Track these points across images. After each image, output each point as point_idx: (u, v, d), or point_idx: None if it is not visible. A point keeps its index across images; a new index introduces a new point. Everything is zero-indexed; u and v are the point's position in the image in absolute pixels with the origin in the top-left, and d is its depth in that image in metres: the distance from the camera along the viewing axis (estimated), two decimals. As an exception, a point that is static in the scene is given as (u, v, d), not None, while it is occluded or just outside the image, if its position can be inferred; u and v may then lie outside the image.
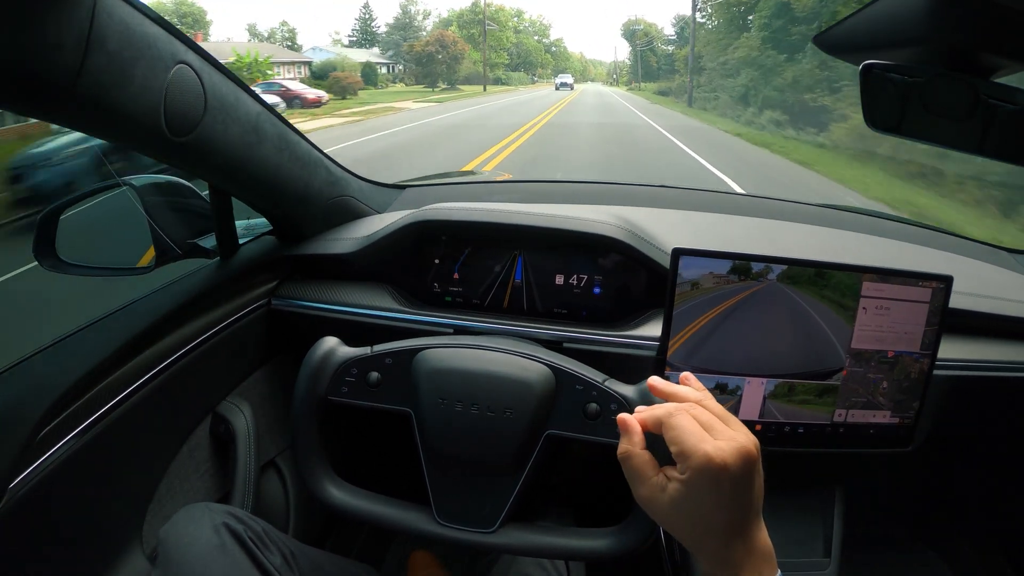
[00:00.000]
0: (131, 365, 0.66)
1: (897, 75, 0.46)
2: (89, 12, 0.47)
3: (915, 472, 1.00)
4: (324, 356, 0.60)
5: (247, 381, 0.87)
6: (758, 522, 0.41)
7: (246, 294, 0.85)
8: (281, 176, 0.82)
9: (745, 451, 0.39)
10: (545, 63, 69.00)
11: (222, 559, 0.54)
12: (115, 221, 0.85)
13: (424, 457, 0.59)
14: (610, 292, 0.86)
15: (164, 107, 0.58)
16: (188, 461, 0.76)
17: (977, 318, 0.82)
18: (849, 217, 1.13)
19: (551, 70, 71.39)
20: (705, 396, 0.44)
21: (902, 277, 0.69)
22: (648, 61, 57.32)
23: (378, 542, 1.21)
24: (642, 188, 1.21)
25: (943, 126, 0.47)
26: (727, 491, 0.38)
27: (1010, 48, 0.43)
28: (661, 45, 54.10)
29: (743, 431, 0.41)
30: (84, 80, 0.48)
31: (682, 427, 0.40)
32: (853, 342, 0.70)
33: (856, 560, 0.86)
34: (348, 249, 0.89)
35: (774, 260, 0.69)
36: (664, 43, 54.40)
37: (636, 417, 0.44)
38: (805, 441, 0.74)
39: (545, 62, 68.87)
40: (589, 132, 12.21)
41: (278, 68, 26.47)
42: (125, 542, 0.67)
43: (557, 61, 74.90)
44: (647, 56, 57.32)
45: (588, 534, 0.58)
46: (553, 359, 0.60)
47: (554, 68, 72.16)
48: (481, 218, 0.85)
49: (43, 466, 0.55)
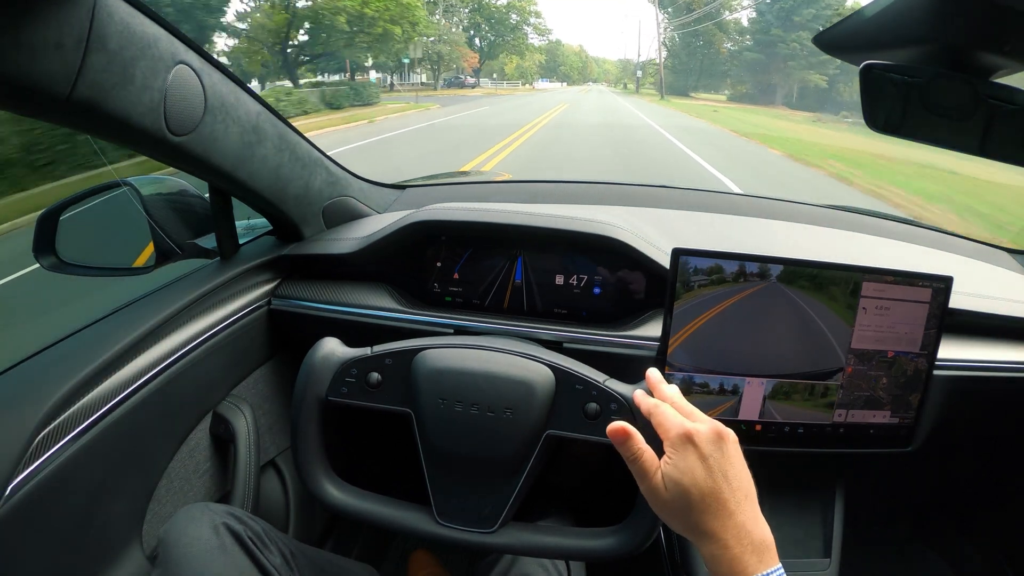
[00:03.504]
0: (131, 365, 0.66)
1: (897, 75, 0.46)
2: (89, 12, 0.47)
3: (915, 472, 1.00)
4: (324, 357, 0.60)
5: (247, 381, 0.87)
6: (752, 509, 0.45)
7: (246, 294, 0.85)
8: (281, 176, 0.82)
9: (715, 427, 0.47)
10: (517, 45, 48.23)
11: (222, 559, 0.54)
12: (115, 221, 0.85)
13: (424, 457, 0.59)
14: (610, 292, 0.86)
15: (164, 107, 0.58)
16: (188, 461, 0.76)
17: (977, 318, 0.82)
18: (849, 217, 1.13)
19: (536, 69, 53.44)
20: (678, 394, 0.53)
21: (902, 277, 0.69)
22: (699, 49, 36.05)
23: (378, 542, 1.21)
24: (642, 188, 1.21)
25: (944, 126, 0.47)
26: (707, 455, 0.46)
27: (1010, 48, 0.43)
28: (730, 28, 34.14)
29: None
30: (84, 80, 0.48)
31: (666, 413, 0.49)
32: (853, 342, 0.70)
33: (856, 560, 0.86)
34: (348, 249, 0.89)
35: (774, 260, 0.69)
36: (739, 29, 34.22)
37: (637, 401, 0.53)
38: (805, 441, 0.74)
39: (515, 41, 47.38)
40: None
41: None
42: (125, 542, 0.67)
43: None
44: (701, 39, 35.50)
45: (588, 534, 0.58)
46: (553, 359, 0.60)
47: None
48: (481, 218, 0.85)
49: (43, 466, 0.55)
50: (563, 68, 71.88)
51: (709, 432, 0.47)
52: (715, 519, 0.44)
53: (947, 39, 0.45)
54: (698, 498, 0.44)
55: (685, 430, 0.47)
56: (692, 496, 0.45)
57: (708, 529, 0.44)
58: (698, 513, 0.44)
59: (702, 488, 0.45)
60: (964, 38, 0.45)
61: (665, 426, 0.48)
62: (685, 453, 0.46)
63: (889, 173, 8.78)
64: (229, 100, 0.68)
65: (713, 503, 0.44)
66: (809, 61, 27.32)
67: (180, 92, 0.60)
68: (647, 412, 0.51)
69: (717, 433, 0.47)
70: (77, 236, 0.80)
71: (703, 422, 0.48)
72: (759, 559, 0.42)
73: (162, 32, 0.56)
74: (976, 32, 0.44)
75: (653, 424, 0.49)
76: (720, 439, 0.47)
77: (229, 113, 0.68)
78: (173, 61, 0.58)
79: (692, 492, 0.45)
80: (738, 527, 0.43)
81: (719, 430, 0.47)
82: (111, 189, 0.81)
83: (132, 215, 0.78)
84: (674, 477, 0.46)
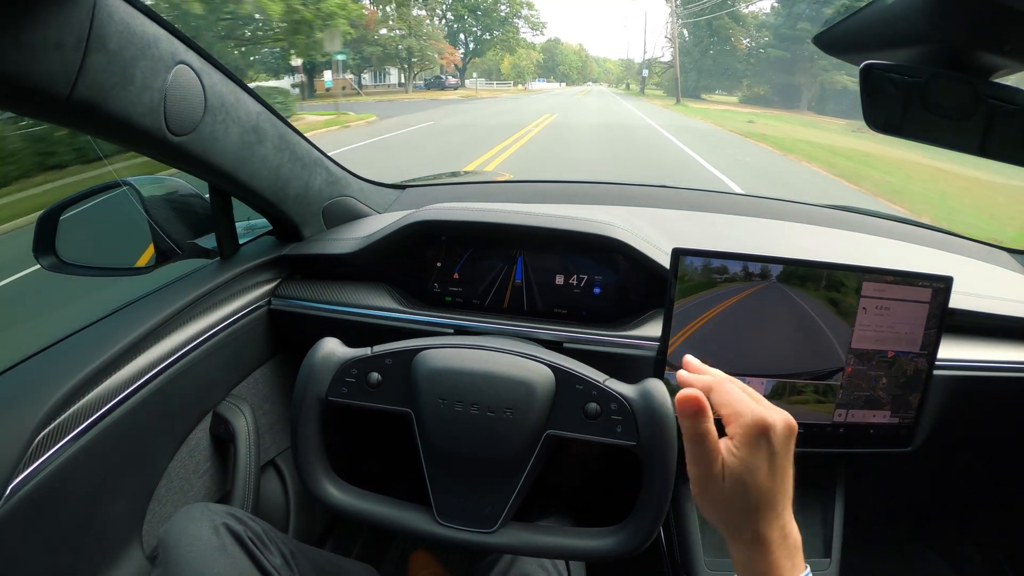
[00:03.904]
0: (131, 365, 0.66)
1: (897, 75, 0.46)
2: (89, 12, 0.47)
3: (915, 472, 1.00)
4: (324, 357, 0.60)
5: (247, 381, 0.87)
6: (790, 509, 0.42)
7: (246, 294, 0.85)
8: (281, 176, 0.82)
9: (788, 420, 0.41)
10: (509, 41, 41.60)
11: (222, 559, 0.54)
12: (115, 221, 0.85)
13: (424, 457, 0.59)
14: (610, 292, 0.86)
15: (164, 107, 0.58)
16: (188, 461, 0.76)
17: (977, 318, 0.82)
18: (849, 217, 1.13)
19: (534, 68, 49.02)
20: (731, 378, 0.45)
21: (902, 277, 0.69)
22: (713, 45, 30.56)
23: (378, 542, 1.21)
24: (642, 188, 1.21)
25: (943, 126, 0.47)
26: (776, 452, 0.40)
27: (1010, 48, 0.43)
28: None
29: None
30: (84, 80, 0.48)
31: (733, 392, 0.42)
32: (853, 342, 0.70)
33: (856, 560, 0.86)
34: (348, 249, 0.89)
35: (774, 260, 0.69)
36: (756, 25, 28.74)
37: (684, 381, 0.45)
38: (805, 441, 0.73)
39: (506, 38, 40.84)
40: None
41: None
42: (125, 542, 0.67)
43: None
44: (714, 33, 30.10)
45: (588, 534, 0.58)
46: (553, 359, 0.60)
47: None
48: (481, 218, 0.85)
49: (44, 466, 0.55)
50: (562, 67, 69.00)
51: (784, 426, 0.41)
52: (763, 521, 0.40)
53: (947, 39, 0.45)
54: (755, 498, 0.40)
55: (763, 419, 0.40)
56: (750, 496, 0.40)
57: (754, 531, 0.40)
58: (748, 513, 0.40)
59: (762, 488, 0.40)
60: (964, 38, 0.45)
61: (737, 409, 0.41)
62: (757, 446, 0.40)
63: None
64: (229, 100, 0.68)
65: (766, 505, 0.40)
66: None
67: (180, 92, 0.60)
68: (705, 387, 0.43)
69: (791, 427, 0.41)
70: (77, 236, 0.80)
71: (776, 411, 0.42)
72: (792, 562, 0.40)
73: (162, 32, 0.56)
74: (976, 32, 0.44)
75: (714, 403, 0.42)
76: (792, 435, 0.41)
77: (229, 113, 0.68)
78: (173, 61, 0.58)
79: (752, 492, 0.40)
80: (781, 529, 0.40)
81: (792, 424, 0.41)
82: (111, 189, 0.81)
83: (132, 215, 0.78)
84: (737, 472, 0.40)
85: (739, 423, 0.41)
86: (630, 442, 0.55)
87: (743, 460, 0.40)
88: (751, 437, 0.40)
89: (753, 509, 0.40)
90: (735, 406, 0.41)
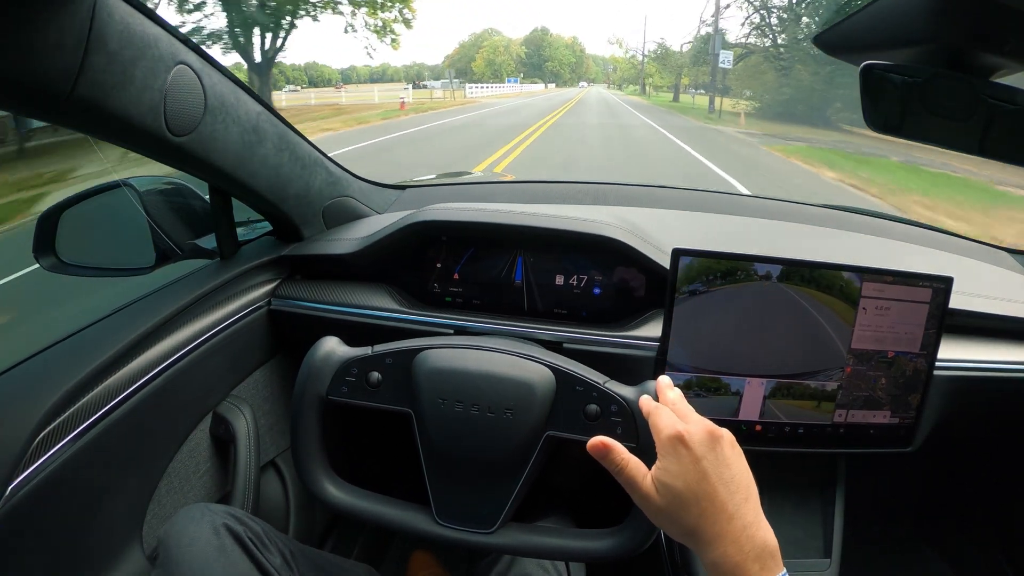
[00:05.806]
0: (131, 365, 0.66)
1: (897, 75, 0.46)
2: (89, 12, 0.47)
3: (915, 472, 1.00)
4: (324, 356, 0.60)
5: (247, 381, 0.87)
6: (754, 512, 0.43)
7: (246, 294, 0.85)
8: (281, 176, 0.82)
9: (708, 427, 0.46)
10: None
11: (222, 560, 0.54)
12: (115, 221, 0.85)
13: (424, 457, 0.59)
14: (610, 292, 0.86)
15: (164, 107, 0.58)
16: (188, 461, 0.76)
17: (977, 318, 0.82)
18: (850, 217, 1.13)
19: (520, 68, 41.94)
20: (680, 397, 0.52)
21: (902, 278, 0.69)
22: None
23: (378, 542, 1.21)
24: (642, 188, 1.21)
25: (943, 126, 0.47)
26: (700, 457, 0.44)
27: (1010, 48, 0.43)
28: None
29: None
30: (84, 80, 0.48)
31: (662, 414, 0.48)
32: (853, 342, 0.70)
33: (856, 560, 0.86)
34: (348, 249, 0.89)
35: (774, 260, 0.69)
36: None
37: (641, 405, 0.52)
38: (805, 441, 0.74)
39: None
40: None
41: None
42: (125, 542, 0.67)
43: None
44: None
45: (588, 535, 0.58)
46: (553, 360, 0.60)
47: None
48: (481, 219, 0.85)
49: (44, 466, 0.55)
50: (550, 64, 60.18)
51: (701, 433, 0.45)
52: (713, 524, 0.42)
53: (947, 39, 0.45)
54: (693, 501, 0.43)
55: (676, 431, 0.45)
56: (686, 500, 0.43)
57: (707, 535, 0.42)
58: (694, 517, 0.43)
59: (696, 491, 0.43)
60: (964, 38, 0.45)
61: (658, 427, 0.47)
62: (677, 455, 0.44)
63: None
64: (229, 100, 0.68)
65: (709, 507, 0.42)
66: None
67: (180, 92, 0.60)
68: (646, 414, 0.50)
69: (710, 433, 0.45)
70: (77, 236, 0.80)
71: (695, 423, 0.47)
72: (761, 565, 0.41)
73: (162, 32, 0.56)
74: (976, 32, 0.44)
75: (649, 425, 0.48)
76: (713, 439, 0.45)
77: (229, 113, 0.68)
78: (173, 61, 0.58)
79: (685, 495, 0.43)
80: (738, 531, 0.42)
81: (712, 430, 0.46)
82: (111, 189, 0.80)
83: (132, 215, 0.78)
84: (665, 481, 0.44)
85: (658, 438, 0.46)
86: (630, 444, 0.55)
87: (665, 469, 0.45)
88: (667, 447, 0.45)
89: (695, 513, 0.43)
90: (658, 425, 0.47)
